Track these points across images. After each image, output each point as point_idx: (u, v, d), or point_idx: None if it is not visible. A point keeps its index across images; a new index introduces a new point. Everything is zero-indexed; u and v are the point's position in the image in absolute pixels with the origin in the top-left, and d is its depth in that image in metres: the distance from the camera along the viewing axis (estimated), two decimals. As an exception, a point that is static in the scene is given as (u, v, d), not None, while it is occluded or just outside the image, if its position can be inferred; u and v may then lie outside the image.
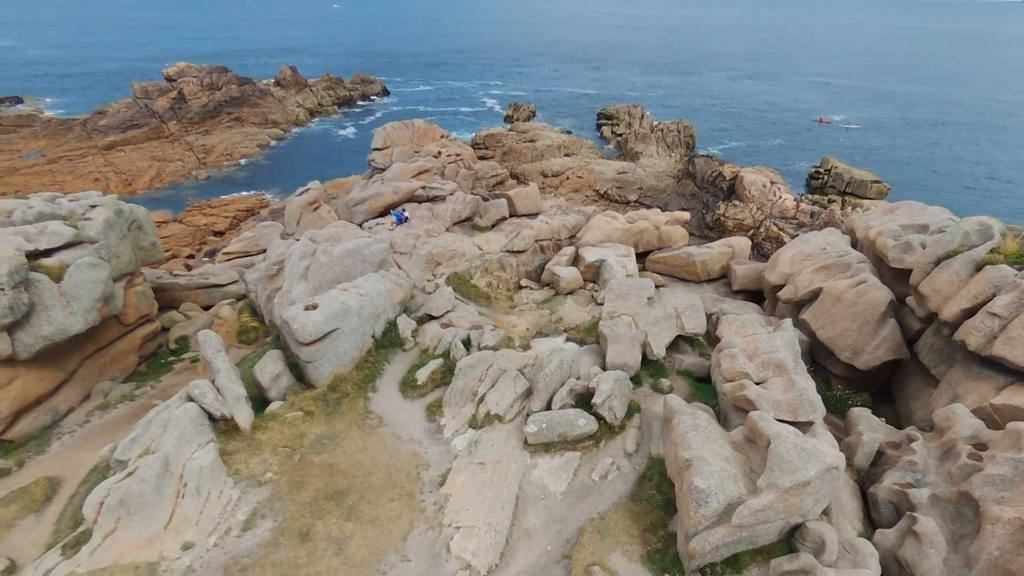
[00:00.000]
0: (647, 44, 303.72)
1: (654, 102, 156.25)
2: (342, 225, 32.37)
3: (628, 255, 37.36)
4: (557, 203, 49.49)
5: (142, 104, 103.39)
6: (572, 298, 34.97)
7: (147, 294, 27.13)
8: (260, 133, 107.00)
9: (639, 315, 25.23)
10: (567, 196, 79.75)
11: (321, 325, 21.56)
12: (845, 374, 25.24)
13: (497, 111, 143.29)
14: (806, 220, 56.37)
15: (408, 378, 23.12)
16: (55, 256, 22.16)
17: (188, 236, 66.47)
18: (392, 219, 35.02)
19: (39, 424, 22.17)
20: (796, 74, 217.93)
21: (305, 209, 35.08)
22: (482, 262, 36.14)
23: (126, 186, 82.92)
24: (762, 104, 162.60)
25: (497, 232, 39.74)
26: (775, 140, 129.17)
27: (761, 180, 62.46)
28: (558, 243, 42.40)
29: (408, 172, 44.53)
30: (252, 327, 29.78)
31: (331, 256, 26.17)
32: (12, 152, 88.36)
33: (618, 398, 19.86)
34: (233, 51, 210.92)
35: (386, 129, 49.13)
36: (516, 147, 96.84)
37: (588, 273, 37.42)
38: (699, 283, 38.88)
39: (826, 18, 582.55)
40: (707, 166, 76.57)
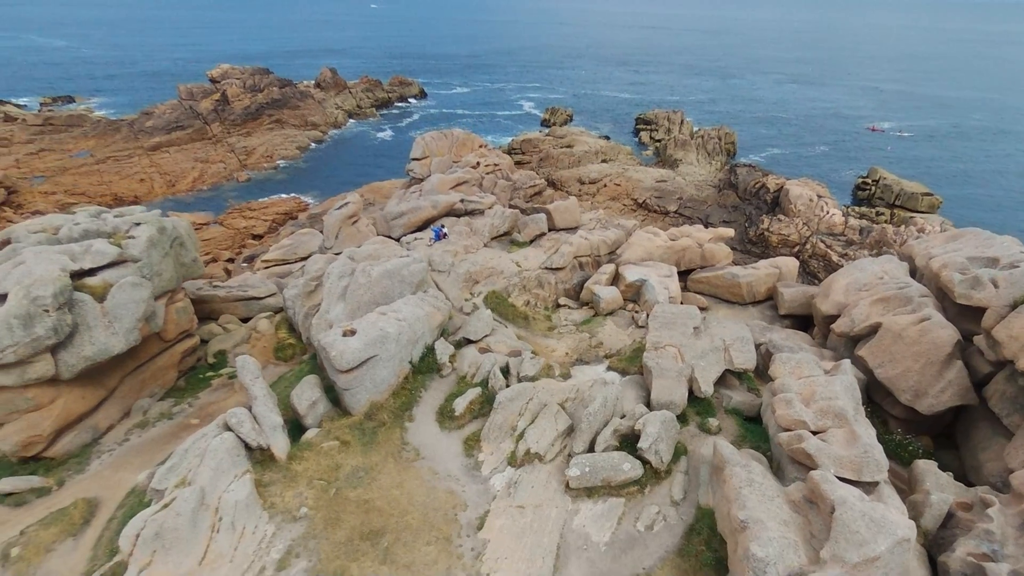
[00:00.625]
0: (687, 46, 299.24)
1: (694, 107, 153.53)
2: (380, 241, 32.03)
3: (671, 275, 36.20)
4: (596, 216, 48.49)
5: (187, 106, 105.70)
6: (612, 319, 34.05)
7: (187, 310, 27.19)
8: (300, 135, 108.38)
9: (685, 347, 24.20)
10: (604, 205, 78.60)
11: (359, 352, 21.14)
12: (905, 416, 23.77)
13: (534, 115, 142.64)
14: (855, 237, 54.17)
15: (445, 407, 22.55)
16: (99, 275, 22.23)
17: (228, 239, 67.46)
18: (431, 235, 34.62)
19: (80, 442, 22.29)
20: (842, 78, 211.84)
21: (344, 223, 34.92)
22: (520, 280, 35.46)
23: (170, 187, 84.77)
24: (806, 110, 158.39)
25: (536, 248, 39.01)
26: (819, 148, 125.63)
27: (808, 194, 60.34)
28: (597, 259, 41.42)
29: (446, 183, 44.13)
30: (289, 344, 29.66)
31: (370, 276, 25.79)
32: (63, 152, 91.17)
33: (665, 441, 18.94)
34: (275, 52, 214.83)
35: (425, 139, 48.83)
36: (553, 153, 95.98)
37: (628, 293, 36.41)
38: (744, 305, 37.54)
39: (874, 19, 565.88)
40: (750, 177, 74.51)
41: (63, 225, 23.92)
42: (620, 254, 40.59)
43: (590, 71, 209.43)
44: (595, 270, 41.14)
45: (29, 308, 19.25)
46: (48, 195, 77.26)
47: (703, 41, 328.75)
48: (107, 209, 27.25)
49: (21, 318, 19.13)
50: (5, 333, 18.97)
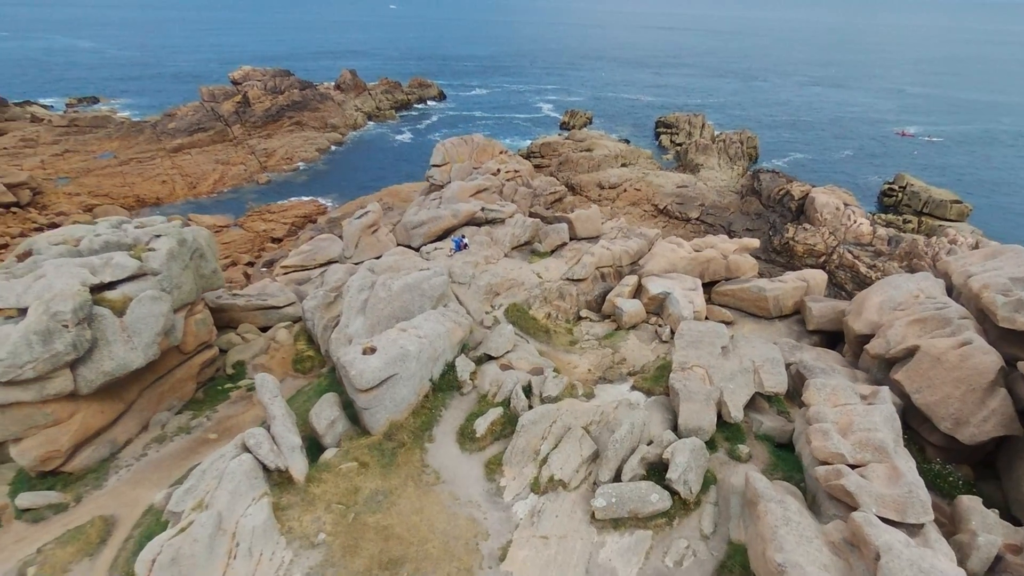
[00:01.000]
0: (709, 48, 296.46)
1: (715, 109, 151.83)
2: (401, 252, 31.64)
3: (695, 288, 35.37)
4: (617, 224, 47.68)
5: (209, 107, 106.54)
6: (635, 333, 33.32)
7: (207, 321, 26.96)
8: (319, 137, 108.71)
9: (713, 368, 23.44)
10: (624, 211, 77.70)
11: (379, 371, 20.69)
12: (943, 444, 22.77)
13: (553, 117, 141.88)
14: (883, 248, 52.76)
15: (466, 428, 22.03)
16: (119, 288, 22.03)
17: (247, 243, 67.65)
18: (451, 245, 34.14)
19: (98, 456, 22.10)
20: (866, 80, 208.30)
21: (364, 232, 34.57)
22: (541, 291, 34.84)
23: (191, 189, 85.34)
24: (830, 113, 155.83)
25: (557, 258, 38.37)
26: (843, 152, 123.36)
27: (834, 202, 58.95)
28: (619, 270, 40.69)
29: (467, 191, 43.65)
30: (308, 356, 29.35)
31: (390, 291, 25.36)
32: (88, 153, 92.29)
33: (694, 471, 18.23)
34: (296, 53, 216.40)
35: (445, 145, 48.40)
36: (572, 157, 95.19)
37: (651, 305, 35.65)
38: (770, 319, 36.60)
39: (900, 20, 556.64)
40: (773, 183, 73.14)
41: (84, 237, 23.78)
42: (642, 265, 39.81)
43: (610, 73, 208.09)
44: (617, 281, 40.41)
45: (48, 324, 19.06)
46: (72, 196, 78.11)
47: (725, 43, 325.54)
48: (128, 219, 27.11)
49: (40, 334, 18.95)
50: (24, 349, 18.79)
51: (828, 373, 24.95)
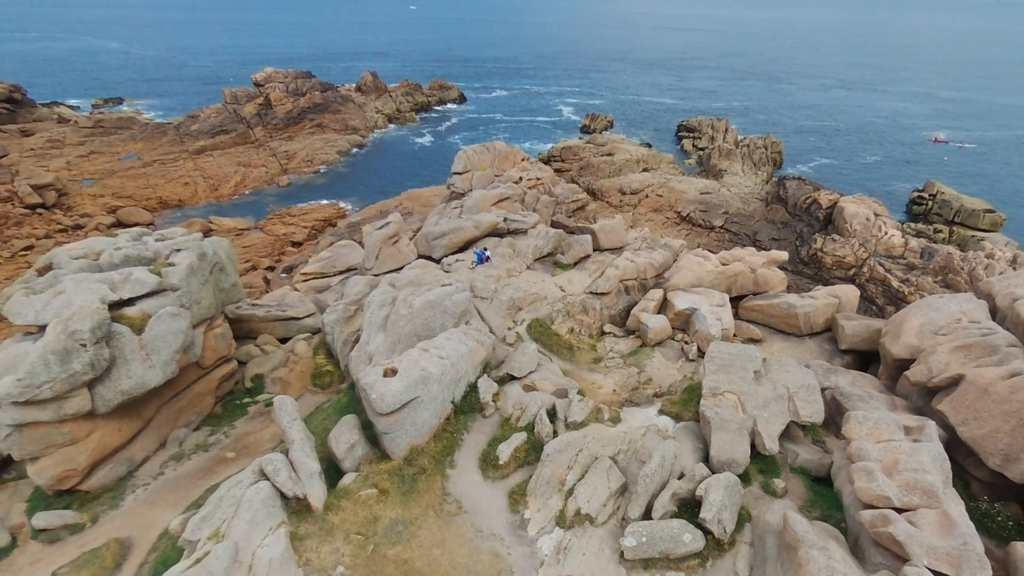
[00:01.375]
0: (732, 50, 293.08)
1: (738, 113, 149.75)
2: (422, 265, 31.08)
3: (723, 305, 34.34)
4: (641, 234, 46.70)
5: (231, 109, 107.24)
6: (660, 350, 32.40)
7: (226, 335, 26.59)
8: (340, 139, 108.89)
9: (745, 394, 22.49)
10: (647, 217, 76.60)
11: (400, 395, 20.08)
12: (990, 480, 21.59)
13: (574, 120, 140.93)
14: (916, 261, 51.11)
15: (489, 454, 21.34)
16: (138, 305, 21.68)
17: (267, 246, 67.70)
18: (473, 258, 33.50)
19: (115, 475, 21.79)
20: (895, 84, 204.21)
21: (384, 243, 34.08)
22: (564, 305, 34.05)
23: (212, 191, 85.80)
24: (857, 117, 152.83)
25: (580, 270, 37.56)
26: (870, 158, 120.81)
27: (864, 212, 57.32)
28: (643, 283, 39.76)
29: (488, 200, 43.03)
30: (327, 370, 28.90)
31: (411, 307, 24.77)
32: (112, 154, 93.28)
33: (728, 509, 17.35)
34: (318, 54, 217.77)
35: (467, 152, 47.83)
36: (594, 161, 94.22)
37: (677, 321, 34.70)
38: (800, 337, 35.43)
39: (930, 21, 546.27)
40: (799, 191, 71.53)
41: (104, 250, 23.49)
42: (668, 278, 38.84)
43: (631, 75, 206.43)
44: (641, 294, 39.50)
45: (66, 343, 18.73)
46: (96, 198, 78.90)
47: (748, 44, 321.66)
48: (148, 231, 26.85)
49: (58, 354, 18.62)
50: (42, 369, 18.47)
51: (866, 401, 23.86)
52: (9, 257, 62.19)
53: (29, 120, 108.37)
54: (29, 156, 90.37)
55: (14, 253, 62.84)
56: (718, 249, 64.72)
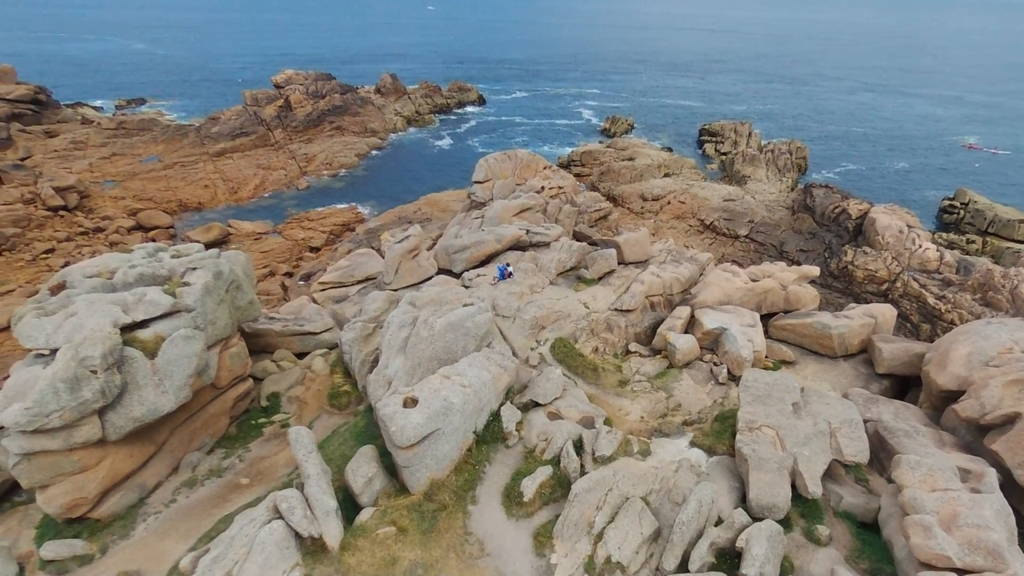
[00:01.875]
0: (755, 52, 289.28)
1: (761, 116, 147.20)
2: (443, 281, 30.15)
3: (754, 325, 32.99)
4: (666, 246, 45.40)
5: (251, 111, 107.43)
6: (688, 372, 31.17)
7: (242, 354, 25.85)
8: (359, 142, 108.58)
9: (784, 429, 21.23)
10: (669, 224, 75.12)
11: (420, 428, 19.13)
12: (1050, 526, 20.14)
13: (594, 123, 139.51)
14: (953, 276, 49.11)
15: (512, 489, 20.32)
16: (151, 327, 20.97)
17: (286, 251, 67.35)
18: (495, 273, 32.49)
19: (126, 502, 21.11)
20: (922, 87, 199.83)
21: (404, 257, 33.21)
22: (588, 323, 32.94)
23: (232, 194, 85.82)
24: (883, 122, 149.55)
25: (604, 286, 36.40)
26: (898, 164, 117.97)
27: (897, 224, 55.37)
28: (669, 298, 38.53)
29: (510, 210, 42.05)
30: (344, 391, 28.07)
31: (432, 330, 23.82)
32: (133, 156, 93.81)
33: (771, 562, 16.16)
34: (337, 55, 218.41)
35: (488, 161, 46.87)
36: (614, 166, 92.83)
37: (706, 340, 33.40)
38: (834, 358, 33.94)
39: (956, 22, 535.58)
40: (827, 199, 69.60)
41: (119, 268, 22.84)
42: (695, 294, 37.53)
43: (652, 77, 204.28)
44: (667, 310, 38.28)
45: (76, 371, 18.04)
46: (117, 200, 79.26)
47: (771, 46, 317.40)
48: (164, 246, 26.21)
49: (68, 381, 17.93)
50: (51, 397, 17.79)
51: (913, 437, 22.45)
52: (31, 260, 62.45)
53: (53, 121, 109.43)
54: (53, 157, 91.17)
55: (35, 256, 63.10)
56: (743, 259, 63.23)
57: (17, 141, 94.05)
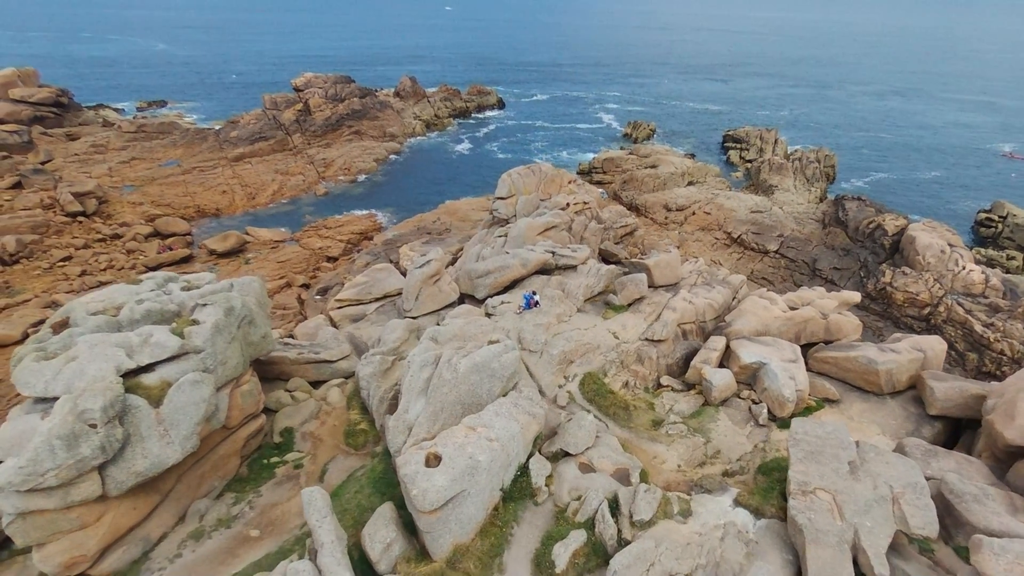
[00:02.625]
0: (778, 53, 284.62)
1: (786, 122, 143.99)
2: (466, 312, 28.52)
3: (796, 360, 30.96)
4: (696, 267, 43.43)
5: (271, 115, 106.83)
6: (725, 411, 29.27)
7: (253, 392, 24.41)
8: (378, 147, 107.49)
9: (841, 493, 19.30)
10: (694, 236, 72.88)
11: (444, 491, 17.52)
12: None
13: (615, 128, 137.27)
14: (1001, 302, 46.45)
15: (543, 556, 18.62)
16: (157, 371, 19.59)
17: (303, 261, 66.23)
18: (520, 303, 30.80)
19: (128, 558, 19.73)
20: (953, 91, 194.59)
21: (425, 283, 31.67)
22: (618, 355, 31.15)
23: (250, 200, 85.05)
24: (914, 128, 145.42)
25: (634, 313, 34.54)
26: (931, 173, 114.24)
27: (938, 243, 52.72)
28: (702, 325, 36.61)
29: (534, 229, 40.36)
30: (361, 429, 26.54)
31: (456, 372, 22.19)
32: (153, 160, 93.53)
33: (840, 664, 14.27)
34: (356, 56, 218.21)
35: (511, 176, 45.20)
36: (637, 175, 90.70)
37: (743, 375, 31.47)
38: (880, 396, 31.81)
39: (988, 23, 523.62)
40: (861, 213, 66.98)
41: (125, 304, 21.51)
42: (729, 322, 35.58)
43: (673, 80, 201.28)
44: (700, 338, 36.39)
45: (74, 426, 16.67)
46: (136, 206, 78.75)
47: (795, 48, 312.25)
48: (175, 275, 24.88)
49: (65, 438, 16.57)
50: (46, 455, 16.43)
51: (983, 503, 20.38)
52: (48, 268, 61.95)
53: (75, 124, 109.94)
54: (73, 161, 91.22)
55: (52, 264, 62.59)
56: (774, 276, 60.93)
57: (39, 144, 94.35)
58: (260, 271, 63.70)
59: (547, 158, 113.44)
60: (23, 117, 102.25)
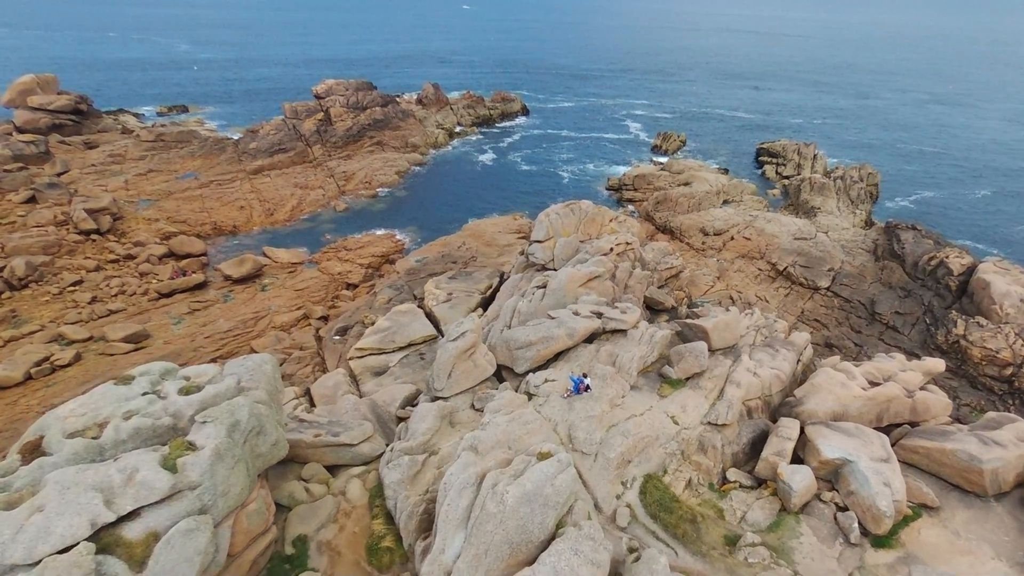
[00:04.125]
0: (813, 58, 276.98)
1: (823, 134, 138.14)
2: (508, 403, 24.66)
3: (888, 459, 26.64)
4: (753, 322, 39.18)
5: (291, 125, 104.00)
6: (807, 521, 25.14)
7: (262, 510, 20.78)
8: (400, 159, 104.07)
9: None
10: (735, 266, 68.27)
11: None
12: None
13: (643, 139, 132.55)
14: (1094, 362, 41.57)
15: None
16: (142, 517, 15.98)
17: (322, 289, 62.96)
18: (567, 384, 26.88)
19: None
20: (999, 99, 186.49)
21: (459, 358, 27.91)
22: (678, 444, 27.15)
23: (268, 216, 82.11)
24: (958, 140, 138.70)
25: (693, 389, 30.44)
26: (980, 192, 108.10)
27: (1017, 291, 47.67)
28: (767, 399, 32.44)
29: (576, 281, 36.43)
30: (386, 547, 22.78)
31: (503, 505, 18.37)
32: (170, 172, 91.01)
33: None
34: (378, 58, 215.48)
35: (549, 217, 41.26)
36: (671, 194, 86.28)
37: (823, 470, 27.27)
38: (985, 499, 27.40)
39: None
40: (919, 247, 61.94)
41: (110, 420, 17.96)
42: (800, 399, 31.36)
43: (702, 86, 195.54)
44: (765, 414, 32.23)
45: (30, 624, 13.08)
46: (151, 223, 76.11)
47: (830, 51, 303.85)
48: (173, 367, 21.33)
49: (17, 640, 12.98)
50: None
51: None
52: (57, 294, 59.21)
53: (94, 131, 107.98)
54: (89, 173, 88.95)
55: (62, 289, 59.87)
56: (827, 318, 56.28)
57: (55, 155, 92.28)
58: (277, 300, 60.52)
59: (572, 171, 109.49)
60: (41, 125, 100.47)
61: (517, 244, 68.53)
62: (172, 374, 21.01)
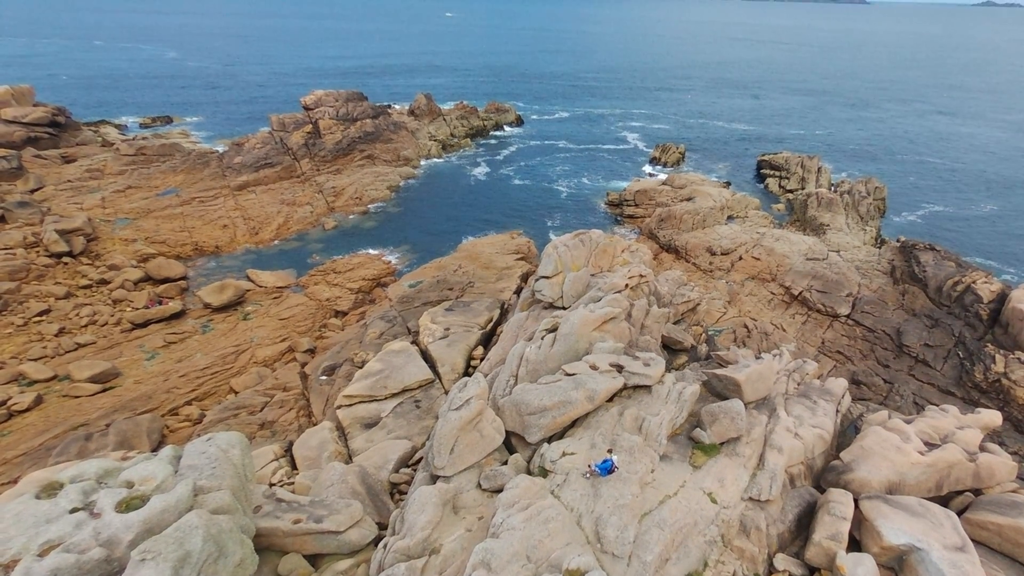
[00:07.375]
0: (811, 66, 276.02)
1: (824, 144, 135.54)
2: (523, 491, 20.74)
3: (964, 547, 22.89)
4: (783, 366, 35.53)
5: (278, 138, 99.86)
6: (874, 625, 21.28)
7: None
8: (391, 173, 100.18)
9: None
10: (746, 289, 64.65)
11: None
12: None
13: (641, 149, 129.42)
14: None
15: None
16: None
17: (308, 317, 58.80)
18: (591, 463, 22.95)
19: None
20: (1003, 110, 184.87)
21: (463, 429, 23.99)
22: (718, 528, 23.27)
23: (252, 235, 77.94)
24: (962, 152, 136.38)
25: (730, 457, 26.56)
26: (987, 206, 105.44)
27: (1057, 323, 44.42)
28: (810, 464, 28.70)
29: (590, 324, 32.63)
30: (379, 677, 18.79)
31: (526, 654, 14.42)
32: (150, 188, 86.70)
33: None
34: (369, 67, 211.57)
35: (557, 249, 37.43)
36: (675, 211, 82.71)
37: (885, 556, 23.49)
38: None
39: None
40: (941, 270, 58.57)
41: (24, 551, 13.91)
42: (849, 465, 27.61)
43: (700, 95, 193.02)
44: (808, 480, 28.48)
45: None
46: (128, 243, 71.82)
47: (828, 60, 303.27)
48: (115, 467, 17.26)
49: None
50: None
51: None
52: (21, 325, 54.79)
53: (72, 144, 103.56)
54: (65, 189, 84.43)
55: (27, 320, 55.46)
56: (850, 350, 52.73)
57: (29, 170, 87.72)
58: (260, 330, 56.30)
59: (570, 184, 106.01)
60: (16, 139, 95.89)
61: (516, 267, 64.68)
62: (112, 476, 16.96)
